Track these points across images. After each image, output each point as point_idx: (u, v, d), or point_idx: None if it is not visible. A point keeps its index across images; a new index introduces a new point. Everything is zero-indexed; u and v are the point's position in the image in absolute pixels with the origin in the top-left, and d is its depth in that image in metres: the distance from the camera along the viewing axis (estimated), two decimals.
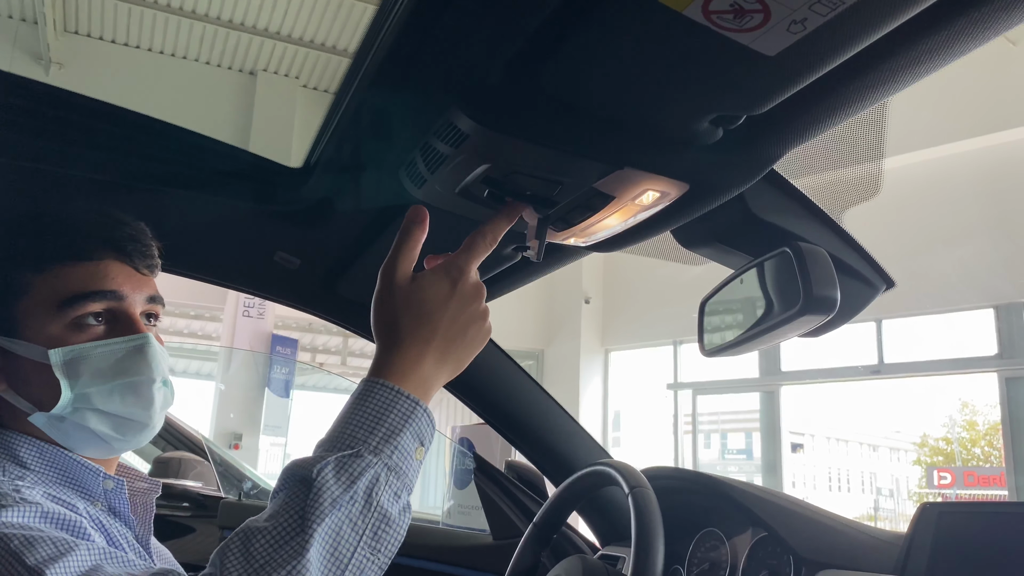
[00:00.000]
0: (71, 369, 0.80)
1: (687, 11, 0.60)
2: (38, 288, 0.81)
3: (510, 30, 0.70)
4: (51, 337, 0.81)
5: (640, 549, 1.05)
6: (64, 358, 0.80)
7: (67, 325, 0.81)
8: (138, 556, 0.84)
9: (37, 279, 0.82)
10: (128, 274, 0.86)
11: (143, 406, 0.84)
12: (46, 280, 0.82)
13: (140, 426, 0.85)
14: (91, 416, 0.81)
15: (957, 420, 12.79)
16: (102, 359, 0.82)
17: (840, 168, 1.03)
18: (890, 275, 1.05)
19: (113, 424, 0.83)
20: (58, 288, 0.81)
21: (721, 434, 10.03)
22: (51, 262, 0.82)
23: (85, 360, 0.81)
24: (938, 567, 0.99)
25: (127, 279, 0.85)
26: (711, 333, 1.12)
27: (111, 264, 0.85)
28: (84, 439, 0.83)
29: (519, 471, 1.80)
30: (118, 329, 0.84)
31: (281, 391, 9.07)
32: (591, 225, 0.96)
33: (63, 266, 0.82)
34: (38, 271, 0.82)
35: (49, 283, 0.81)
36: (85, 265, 0.83)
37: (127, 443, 0.86)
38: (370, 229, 1.19)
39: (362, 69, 0.83)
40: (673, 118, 0.77)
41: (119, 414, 0.82)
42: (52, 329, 0.81)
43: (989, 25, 0.63)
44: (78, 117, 1.04)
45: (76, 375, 0.80)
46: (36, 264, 0.82)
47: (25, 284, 0.82)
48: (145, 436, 0.87)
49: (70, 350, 0.80)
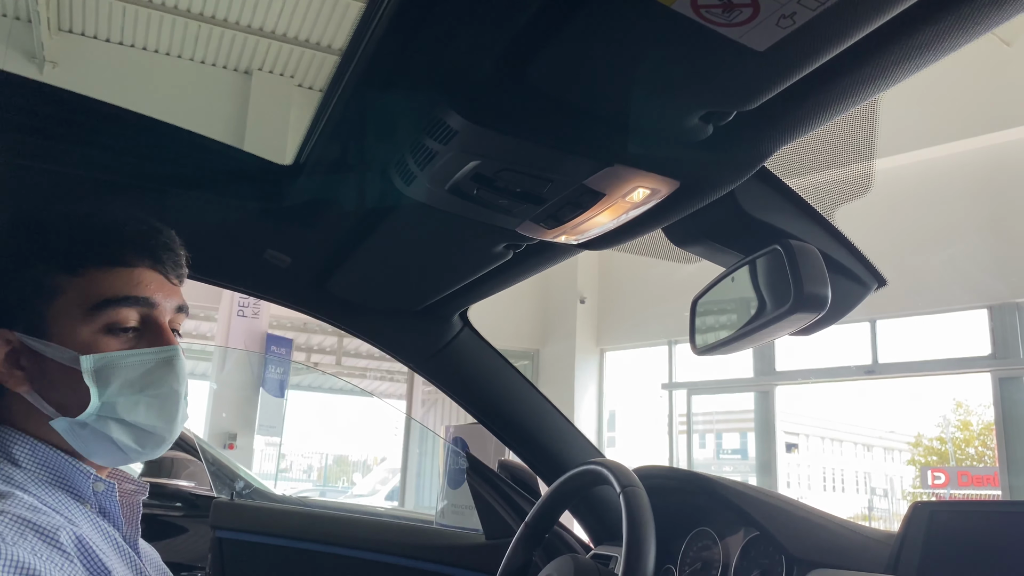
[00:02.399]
0: (101, 377, 0.79)
1: (676, 5, 0.59)
2: (71, 291, 0.80)
3: (498, 26, 0.70)
4: (81, 342, 0.79)
5: (631, 548, 1.05)
6: (95, 365, 0.79)
7: (98, 330, 0.80)
8: (125, 557, 0.83)
9: (70, 281, 0.80)
10: (160, 282, 0.85)
11: (167, 420, 0.83)
12: (79, 283, 0.80)
13: (160, 439, 0.84)
14: (114, 426, 0.80)
15: (951, 420, 12.83)
16: (132, 369, 0.80)
17: (832, 166, 1.02)
18: (882, 273, 1.05)
19: (134, 436, 0.81)
20: (91, 292, 0.80)
21: (716, 434, 10.05)
22: (86, 265, 0.81)
23: (115, 369, 0.79)
24: (930, 566, 0.99)
25: (159, 287, 0.84)
26: (703, 332, 1.12)
27: (145, 272, 0.83)
28: (102, 448, 0.81)
29: (512, 470, 1.80)
30: (148, 338, 0.82)
31: (276, 391, 9.06)
32: (582, 223, 0.96)
33: (98, 270, 0.81)
34: (72, 273, 0.80)
35: (82, 286, 0.80)
36: (120, 271, 0.82)
37: (144, 455, 0.85)
38: (361, 227, 1.19)
39: (351, 66, 0.82)
40: (663, 114, 0.77)
41: (142, 426, 0.81)
42: (83, 333, 0.79)
43: (979, 20, 0.63)
44: (67, 114, 1.03)
45: (106, 383, 0.79)
46: (70, 266, 0.80)
47: (57, 286, 0.80)
48: (162, 449, 0.85)
49: (101, 357, 0.79)
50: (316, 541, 1.92)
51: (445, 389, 1.66)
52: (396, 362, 1.66)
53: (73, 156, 1.07)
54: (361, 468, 19.54)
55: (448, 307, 1.51)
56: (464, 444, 2.08)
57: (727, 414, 9.51)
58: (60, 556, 0.71)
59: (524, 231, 1.03)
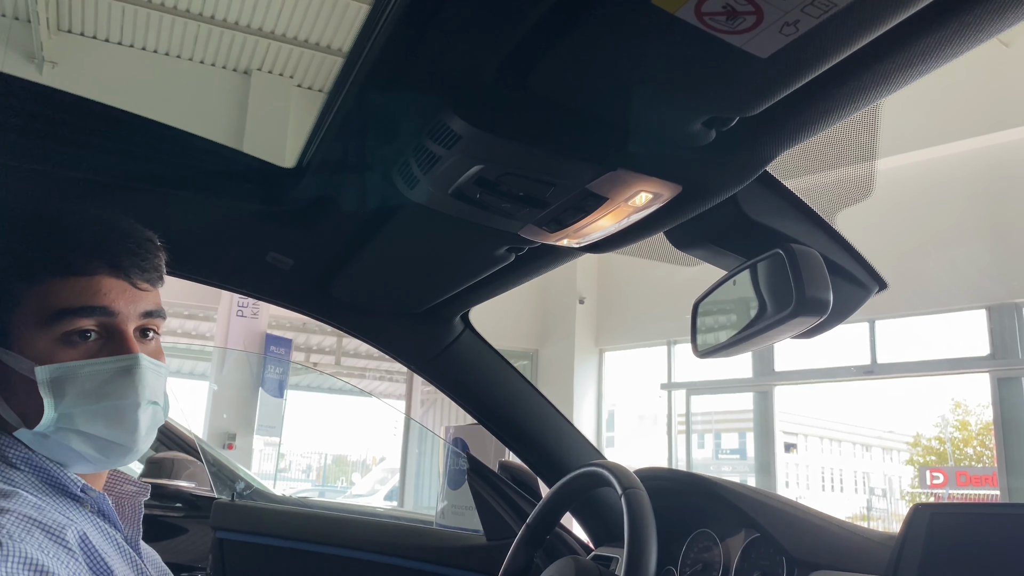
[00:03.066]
0: (56, 388, 0.78)
1: (680, 12, 0.60)
2: (30, 300, 0.79)
3: (502, 31, 0.70)
4: (40, 351, 0.78)
5: (633, 550, 1.05)
6: (51, 375, 0.78)
7: (56, 340, 0.78)
8: (127, 557, 0.83)
9: (29, 291, 0.79)
10: (122, 289, 0.82)
11: (127, 430, 0.81)
12: (38, 292, 0.79)
13: (124, 449, 0.82)
14: (74, 437, 0.79)
15: (950, 420, 12.83)
16: (88, 379, 0.79)
17: (833, 170, 1.03)
18: (882, 276, 1.05)
19: (96, 446, 0.80)
20: (49, 302, 0.78)
21: (715, 434, 10.03)
22: (43, 274, 0.79)
23: (71, 379, 0.78)
24: (930, 568, 0.99)
25: (120, 294, 0.82)
26: (704, 334, 1.12)
27: (104, 280, 0.81)
28: (68, 457, 0.81)
29: (513, 472, 1.80)
30: (110, 346, 0.81)
31: (275, 391, 9.05)
32: (584, 226, 0.96)
33: (54, 279, 0.79)
34: (30, 283, 0.79)
35: (40, 296, 0.79)
36: (77, 280, 0.80)
37: (111, 463, 0.84)
38: (363, 230, 1.19)
39: (355, 69, 0.83)
40: (666, 119, 0.77)
41: (103, 436, 0.80)
42: (41, 343, 0.78)
43: (981, 28, 0.63)
44: (67, 116, 1.03)
45: (61, 394, 0.78)
46: (28, 276, 0.79)
47: (18, 295, 0.79)
48: (130, 458, 0.84)
49: (57, 368, 0.78)
50: (316, 542, 1.93)
51: (446, 391, 1.66)
52: (395, 362, 1.66)
53: (74, 159, 1.07)
54: (360, 468, 19.53)
55: (450, 309, 1.51)
56: (464, 445, 2.08)
57: (726, 414, 9.49)
58: (66, 554, 0.72)
59: (526, 234, 1.03)
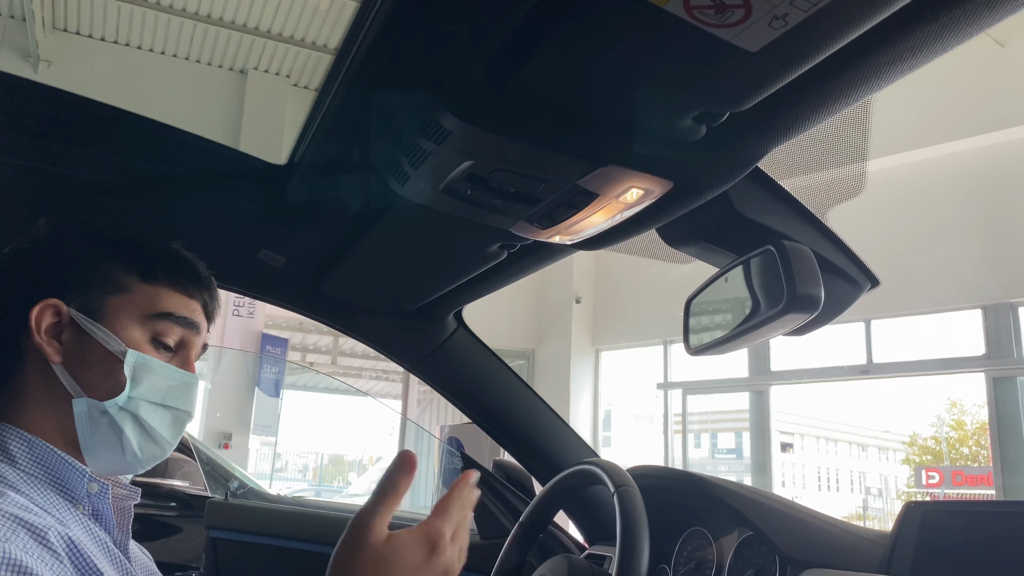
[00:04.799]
0: (136, 375, 0.85)
1: (668, 6, 0.60)
2: (138, 293, 0.87)
3: (492, 26, 0.70)
4: (130, 339, 0.85)
5: (625, 548, 1.05)
6: (138, 361, 0.85)
7: (148, 337, 0.87)
8: (115, 562, 0.83)
9: (141, 286, 0.87)
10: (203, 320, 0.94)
11: (173, 434, 0.89)
12: (149, 290, 0.88)
13: (160, 451, 0.89)
14: (130, 422, 0.85)
15: (945, 420, 12.84)
16: (163, 379, 0.87)
17: (825, 167, 1.03)
18: (875, 274, 1.05)
19: (142, 438, 0.86)
20: (159, 303, 0.88)
21: (711, 434, 10.04)
22: (161, 279, 0.89)
23: (151, 373, 0.86)
24: (923, 566, 0.99)
25: (203, 323, 0.93)
26: (697, 332, 1.12)
27: (199, 308, 0.93)
28: (106, 443, 0.84)
29: (507, 470, 1.80)
30: (176, 360, 0.90)
31: (271, 390, 9.05)
32: (576, 223, 0.96)
33: (166, 287, 0.89)
34: (144, 279, 0.88)
35: (151, 295, 0.88)
36: (183, 297, 0.90)
37: (138, 463, 0.88)
38: (355, 227, 1.19)
39: (345, 67, 0.82)
40: (656, 115, 0.77)
41: (153, 430, 0.87)
42: (134, 332, 0.86)
43: (971, 21, 0.63)
44: (60, 113, 1.03)
45: (138, 382, 0.85)
46: (146, 273, 0.88)
47: (128, 285, 0.87)
48: (155, 461, 0.91)
49: (144, 357, 0.85)
50: (311, 541, 1.92)
51: (440, 389, 1.66)
52: (391, 362, 1.66)
53: (66, 156, 1.06)
54: (356, 468, 19.52)
55: (442, 307, 1.51)
56: (459, 444, 2.08)
57: (722, 414, 9.50)
58: (50, 556, 0.71)
59: (518, 231, 1.03)
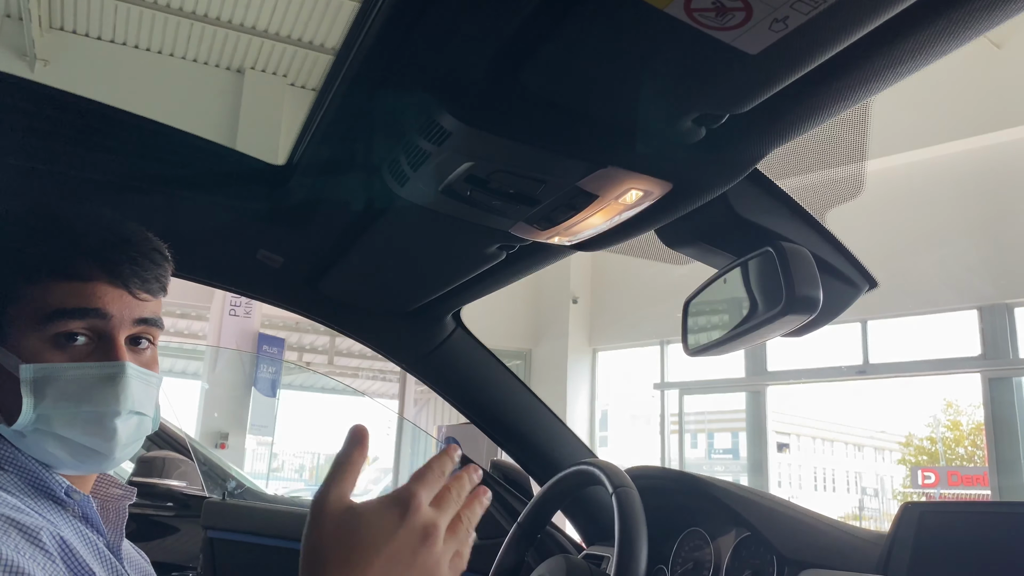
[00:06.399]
0: (39, 388, 0.77)
1: (669, 8, 0.60)
2: (27, 299, 0.78)
3: (492, 28, 0.70)
4: (30, 351, 0.78)
5: (623, 548, 1.05)
6: (34, 375, 0.77)
7: (47, 340, 0.78)
8: (106, 564, 0.82)
9: (27, 289, 0.79)
10: (118, 295, 0.81)
11: (104, 438, 0.80)
12: (35, 292, 0.78)
13: (101, 457, 0.81)
14: (49, 439, 0.79)
15: (941, 420, 12.85)
16: (72, 383, 0.78)
17: (823, 168, 1.03)
18: (872, 275, 1.05)
19: (71, 451, 0.79)
20: (45, 302, 0.78)
21: (708, 434, 10.04)
22: (42, 275, 0.79)
23: (54, 381, 0.77)
24: (920, 566, 0.99)
25: (115, 300, 0.81)
26: (695, 333, 1.12)
27: (100, 286, 0.80)
28: (46, 459, 0.80)
29: (505, 471, 1.80)
30: (98, 352, 0.80)
31: (268, 390, 9.03)
32: (575, 224, 0.96)
33: (53, 281, 0.79)
34: (28, 281, 0.79)
35: (37, 296, 0.78)
36: (73, 284, 0.79)
37: (87, 469, 0.83)
38: (354, 227, 1.19)
39: (344, 67, 0.82)
40: (656, 117, 0.77)
41: (79, 442, 0.79)
42: (32, 342, 0.78)
43: (970, 25, 0.63)
44: (57, 113, 1.03)
45: (42, 395, 0.77)
46: (27, 275, 0.79)
47: (15, 292, 0.79)
48: (107, 466, 0.83)
49: (41, 368, 0.77)
50: None
51: (438, 389, 1.66)
52: (388, 361, 1.66)
53: (62, 155, 1.06)
54: None
55: (441, 307, 1.51)
56: (457, 444, 2.08)
57: (719, 414, 9.51)
58: (43, 556, 0.71)
59: (517, 232, 1.03)
